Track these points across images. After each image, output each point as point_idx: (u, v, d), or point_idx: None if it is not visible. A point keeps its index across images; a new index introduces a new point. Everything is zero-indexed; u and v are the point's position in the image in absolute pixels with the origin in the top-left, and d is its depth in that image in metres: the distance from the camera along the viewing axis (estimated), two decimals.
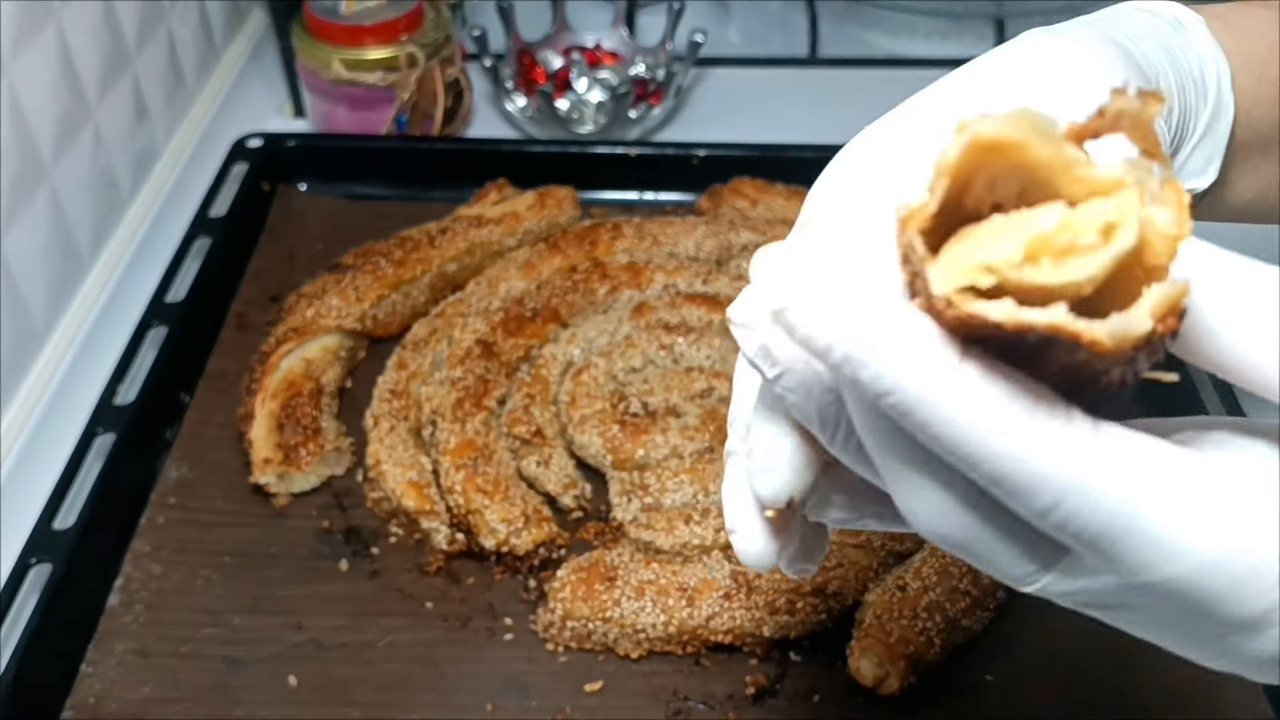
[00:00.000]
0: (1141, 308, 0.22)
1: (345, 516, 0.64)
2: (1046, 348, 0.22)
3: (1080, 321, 0.21)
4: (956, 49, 1.02)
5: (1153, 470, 0.23)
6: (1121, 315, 0.21)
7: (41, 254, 0.71)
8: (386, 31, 0.84)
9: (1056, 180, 0.23)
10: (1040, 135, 0.22)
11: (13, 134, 0.67)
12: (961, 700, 0.55)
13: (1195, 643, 0.25)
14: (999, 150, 0.22)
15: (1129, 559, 0.23)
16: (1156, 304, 0.22)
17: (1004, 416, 0.22)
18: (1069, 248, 0.22)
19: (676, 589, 0.57)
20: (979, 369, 0.22)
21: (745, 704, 0.55)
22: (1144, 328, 0.21)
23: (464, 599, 0.60)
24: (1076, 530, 0.23)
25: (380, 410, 0.67)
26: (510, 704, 0.55)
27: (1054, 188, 0.23)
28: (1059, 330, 0.21)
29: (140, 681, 0.56)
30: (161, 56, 0.87)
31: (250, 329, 0.74)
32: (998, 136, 0.22)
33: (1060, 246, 0.22)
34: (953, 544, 0.26)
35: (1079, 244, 0.22)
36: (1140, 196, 0.22)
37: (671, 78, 0.91)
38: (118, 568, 0.61)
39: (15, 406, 0.69)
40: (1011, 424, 0.22)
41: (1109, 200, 0.22)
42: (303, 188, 0.85)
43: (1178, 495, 0.23)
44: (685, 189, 0.83)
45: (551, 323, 0.71)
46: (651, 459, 0.63)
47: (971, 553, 0.26)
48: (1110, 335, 0.21)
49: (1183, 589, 0.23)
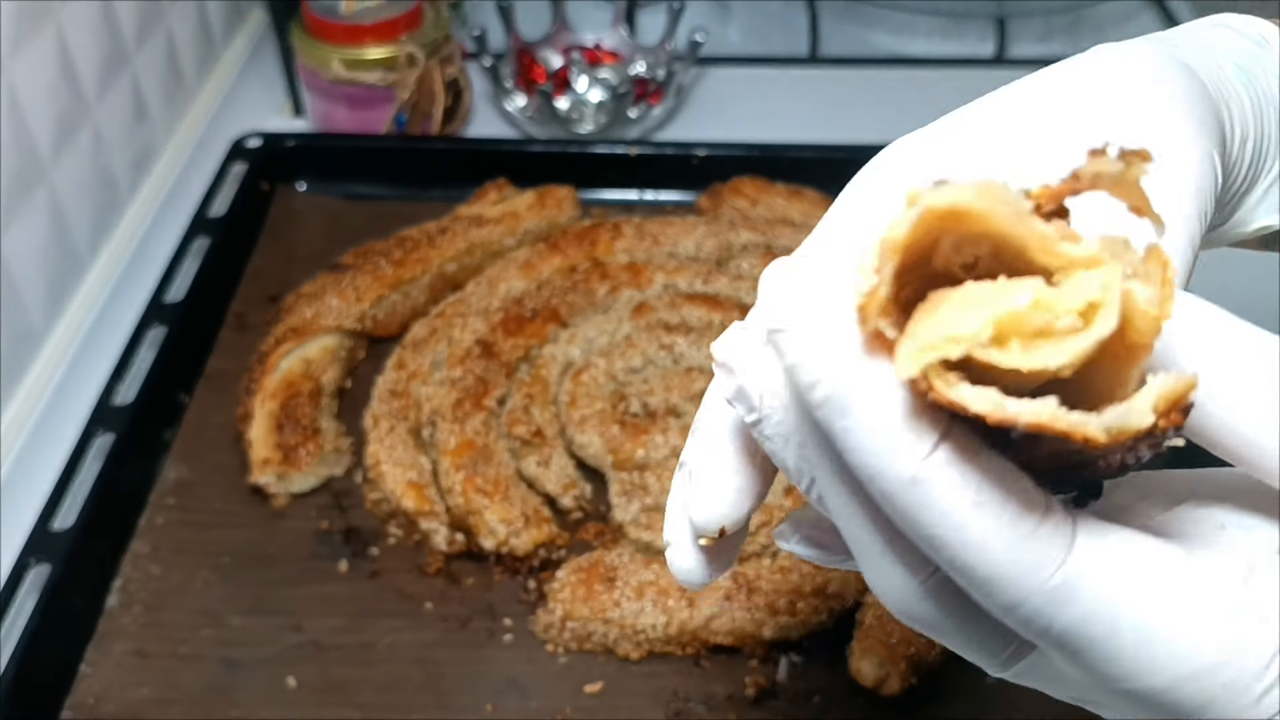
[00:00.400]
0: (1142, 401, 0.20)
1: (344, 517, 0.64)
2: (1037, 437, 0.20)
3: (1072, 415, 0.19)
4: (957, 48, 1.02)
5: (1127, 577, 0.21)
6: (1119, 409, 0.20)
7: (40, 254, 0.71)
8: (386, 31, 0.84)
9: (1029, 251, 0.21)
10: (1003, 206, 0.20)
11: (11, 133, 0.67)
12: (962, 701, 0.55)
13: None
14: (958, 219, 0.20)
15: (1097, 667, 0.22)
16: (1159, 398, 0.20)
17: (971, 508, 0.21)
18: (1045, 329, 0.20)
19: (677, 590, 0.57)
20: (952, 453, 0.21)
21: (745, 705, 0.55)
22: (1143, 423, 0.20)
23: (463, 600, 0.60)
24: (1040, 632, 0.22)
25: (380, 410, 0.67)
26: (510, 705, 0.55)
27: (1028, 256, 0.21)
28: (1045, 428, 0.19)
29: (139, 682, 0.56)
30: (161, 56, 0.87)
31: (249, 329, 0.74)
32: (954, 207, 0.20)
33: (1035, 326, 0.20)
34: (918, 625, 0.25)
35: (1055, 327, 0.20)
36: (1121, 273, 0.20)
37: (671, 77, 0.91)
38: (116, 568, 0.61)
39: (14, 407, 0.69)
40: (978, 517, 0.21)
41: (1089, 275, 0.20)
42: (302, 187, 0.85)
43: (1153, 605, 0.21)
44: (685, 188, 0.83)
45: (551, 323, 0.71)
46: (652, 459, 0.63)
47: (937, 634, 0.25)
48: (1106, 431, 0.20)
49: (1155, 701, 0.22)
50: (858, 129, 0.88)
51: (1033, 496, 0.21)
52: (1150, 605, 0.21)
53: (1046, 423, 0.19)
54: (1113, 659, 0.22)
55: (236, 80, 0.99)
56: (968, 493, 0.21)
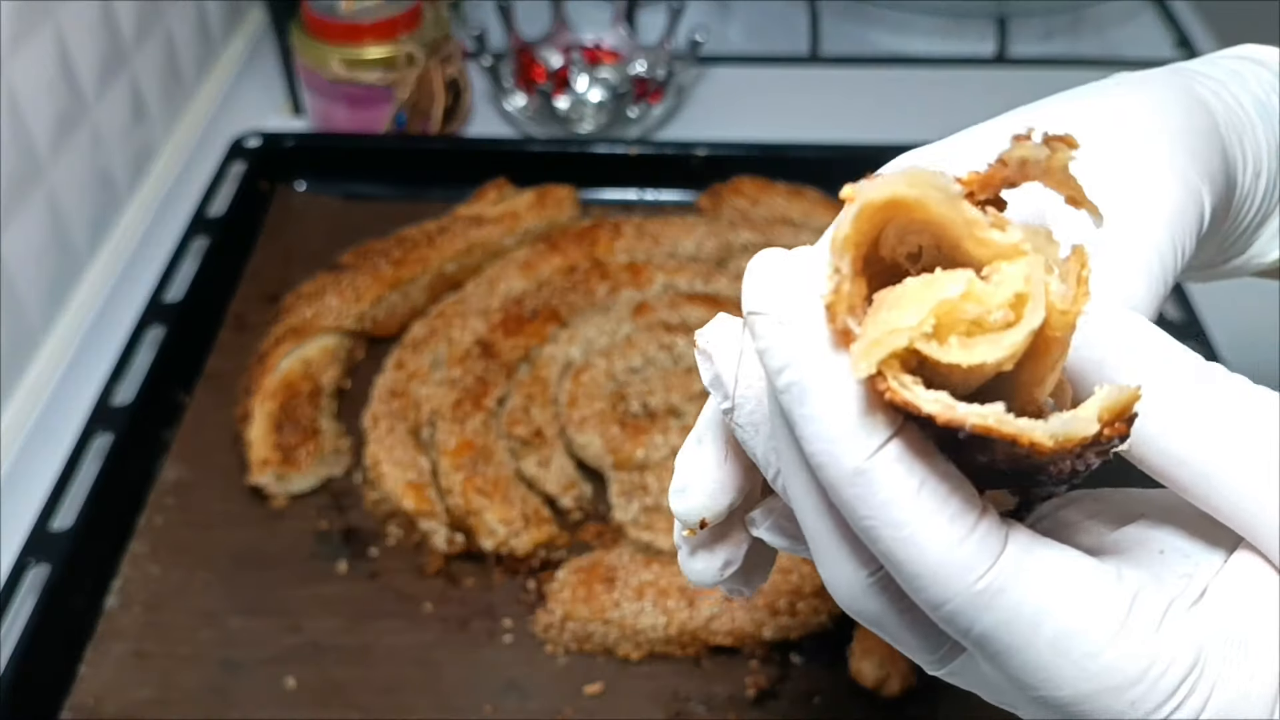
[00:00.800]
0: (1089, 410, 0.20)
1: (344, 518, 0.64)
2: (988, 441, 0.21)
3: (1020, 421, 0.20)
4: (958, 48, 1.02)
5: (1049, 589, 0.22)
6: (1064, 417, 0.20)
7: (39, 254, 0.71)
8: (385, 30, 0.84)
9: (962, 239, 0.21)
10: (934, 190, 0.21)
11: (10, 133, 0.67)
12: (963, 702, 0.55)
13: None
14: (896, 208, 0.21)
15: (1013, 673, 0.23)
16: (1105, 408, 0.20)
17: (909, 505, 0.22)
18: (979, 322, 0.20)
19: (677, 590, 0.56)
20: (900, 451, 0.22)
21: (746, 706, 0.55)
22: (1089, 431, 0.20)
23: (463, 600, 0.60)
24: (962, 632, 0.23)
25: (379, 411, 0.66)
26: (509, 706, 0.55)
27: (963, 246, 0.21)
28: (991, 431, 0.20)
29: (138, 683, 0.56)
30: (160, 55, 0.87)
31: (248, 329, 0.74)
32: (890, 197, 0.21)
33: (969, 318, 0.20)
34: (862, 618, 0.26)
35: (988, 320, 0.20)
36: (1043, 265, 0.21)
37: (672, 76, 0.91)
38: (115, 569, 0.61)
39: (13, 407, 0.69)
40: (915, 515, 0.22)
41: (1013, 268, 0.21)
42: (301, 187, 0.85)
43: (1071, 619, 0.22)
44: (685, 188, 0.83)
45: (551, 323, 0.71)
46: (652, 459, 0.63)
47: (882, 630, 0.26)
48: (1052, 438, 0.20)
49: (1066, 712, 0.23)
50: (858, 128, 0.87)
51: (971, 502, 0.22)
52: (1068, 619, 0.22)
53: (993, 426, 0.20)
54: (1028, 666, 0.22)
55: (236, 80, 0.99)
56: (908, 490, 0.22)
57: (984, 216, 0.21)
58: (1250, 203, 0.33)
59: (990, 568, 0.22)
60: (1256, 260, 0.35)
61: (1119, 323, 0.24)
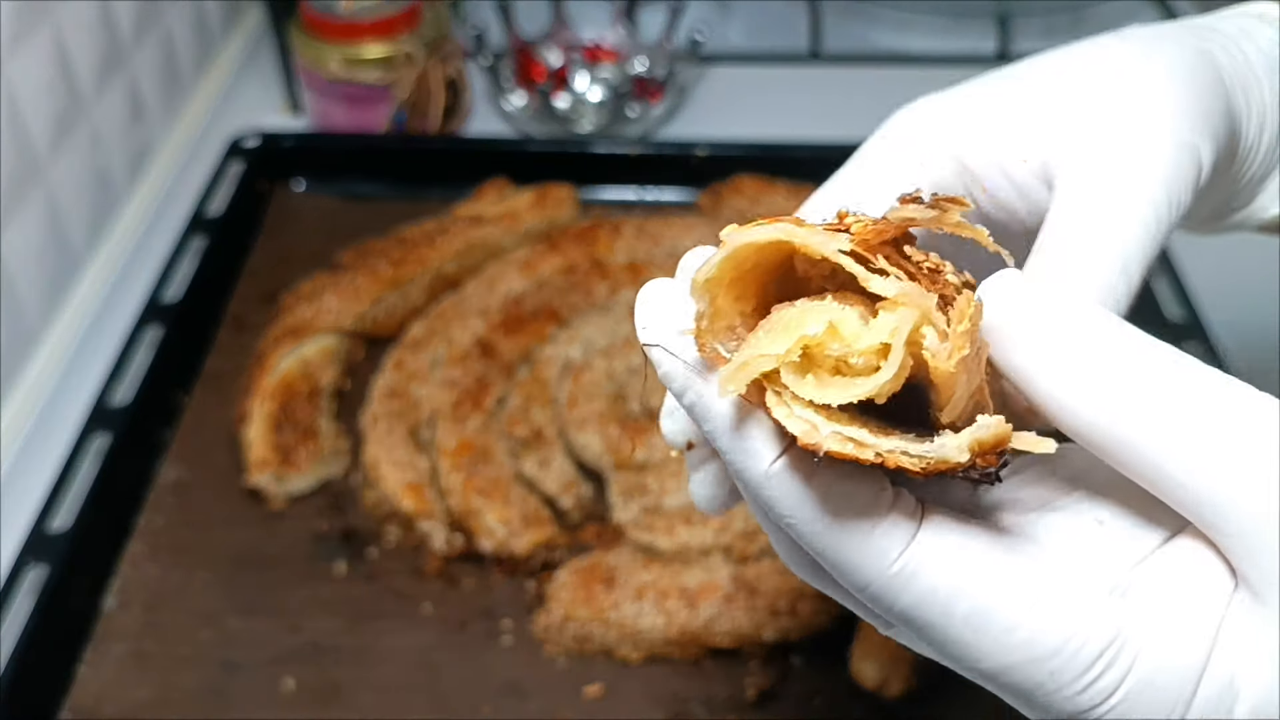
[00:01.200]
0: (961, 439, 0.21)
1: (343, 518, 0.63)
2: None
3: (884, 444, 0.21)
4: (959, 46, 1.01)
5: (962, 569, 0.23)
6: (936, 444, 0.21)
7: (37, 253, 0.71)
8: (385, 29, 0.84)
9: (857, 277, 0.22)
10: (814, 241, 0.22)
11: (9, 132, 0.67)
12: (963, 703, 0.55)
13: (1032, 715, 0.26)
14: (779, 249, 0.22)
15: (937, 647, 0.24)
16: (976, 440, 0.21)
17: (818, 504, 0.23)
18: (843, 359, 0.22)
19: (677, 591, 0.56)
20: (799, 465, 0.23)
21: (746, 707, 0.55)
22: (959, 459, 0.21)
23: (462, 602, 0.59)
24: (885, 611, 0.24)
25: (378, 411, 0.66)
26: (509, 707, 0.55)
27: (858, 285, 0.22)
28: (848, 457, 0.21)
29: (137, 683, 0.56)
30: (158, 54, 0.87)
31: (247, 329, 0.73)
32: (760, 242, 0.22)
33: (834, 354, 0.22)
34: (814, 586, 0.28)
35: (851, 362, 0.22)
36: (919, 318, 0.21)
37: (672, 75, 0.90)
38: (114, 569, 0.60)
39: (12, 408, 0.69)
40: (824, 512, 0.23)
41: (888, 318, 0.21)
42: (300, 187, 0.84)
43: (986, 596, 0.23)
44: (685, 187, 0.83)
45: (551, 323, 0.71)
46: (651, 459, 0.63)
47: (831, 595, 0.28)
48: (920, 463, 0.21)
49: (993, 682, 0.24)
50: (859, 127, 0.86)
51: (879, 496, 0.24)
52: (981, 597, 0.23)
53: (850, 454, 0.21)
54: (950, 641, 0.24)
55: (234, 79, 0.98)
56: (816, 491, 0.23)
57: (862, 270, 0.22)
58: (1254, 155, 0.34)
59: (902, 553, 0.23)
60: (1260, 214, 0.36)
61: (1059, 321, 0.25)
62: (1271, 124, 0.34)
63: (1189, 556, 0.24)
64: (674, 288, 0.25)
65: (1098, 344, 0.24)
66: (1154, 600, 0.24)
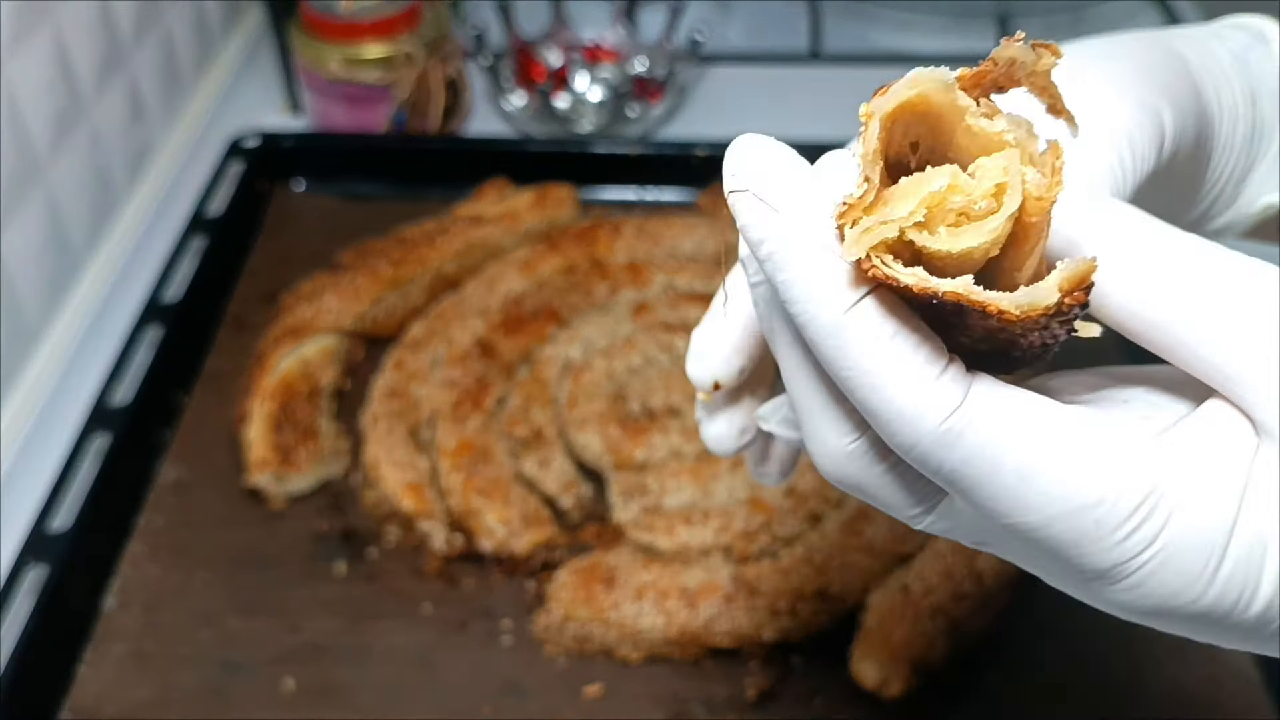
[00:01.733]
0: (1050, 281, 0.23)
1: (343, 518, 0.63)
2: (962, 313, 0.23)
3: (988, 293, 0.22)
4: (958, 46, 1.01)
5: (1010, 425, 0.24)
6: (1029, 289, 0.23)
7: (37, 253, 0.71)
8: (385, 29, 0.84)
9: (955, 132, 0.24)
10: (933, 83, 0.23)
11: (8, 132, 0.67)
12: (964, 703, 0.55)
13: (1067, 585, 0.27)
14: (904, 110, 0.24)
15: (983, 504, 0.25)
16: (1064, 278, 0.23)
17: (878, 355, 0.24)
18: (964, 211, 0.23)
19: (677, 591, 0.56)
20: (874, 307, 0.24)
21: (746, 707, 0.55)
22: (1050, 300, 0.22)
23: (462, 601, 0.59)
24: (934, 471, 0.25)
25: (378, 411, 0.66)
26: (509, 707, 0.55)
27: (955, 141, 0.24)
28: (961, 298, 0.22)
29: (137, 683, 0.56)
30: (158, 54, 0.87)
31: (247, 329, 0.73)
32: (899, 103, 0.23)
33: (956, 209, 0.23)
34: (847, 485, 0.28)
35: (973, 210, 0.23)
36: (1021, 156, 0.23)
37: (672, 76, 0.90)
38: (114, 570, 0.60)
39: (12, 407, 0.69)
40: (883, 362, 0.24)
41: (994, 161, 0.23)
42: (300, 187, 0.84)
43: (1032, 450, 0.24)
44: (685, 187, 0.83)
45: (551, 323, 0.71)
46: (652, 459, 0.63)
47: (865, 493, 0.28)
48: (1016, 306, 0.22)
49: (1036, 537, 0.25)
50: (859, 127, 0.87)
51: (939, 352, 0.24)
52: (1029, 450, 0.24)
53: (962, 294, 0.22)
54: (995, 496, 0.24)
55: (234, 79, 0.98)
56: (882, 338, 0.24)
57: (974, 104, 0.23)
58: (1229, 152, 0.36)
59: (956, 409, 0.24)
60: (1244, 210, 0.37)
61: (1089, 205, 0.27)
62: (1245, 120, 0.35)
63: (1214, 417, 0.25)
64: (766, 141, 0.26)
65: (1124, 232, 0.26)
66: (1185, 455, 0.25)
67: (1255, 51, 0.36)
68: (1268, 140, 0.36)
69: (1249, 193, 0.37)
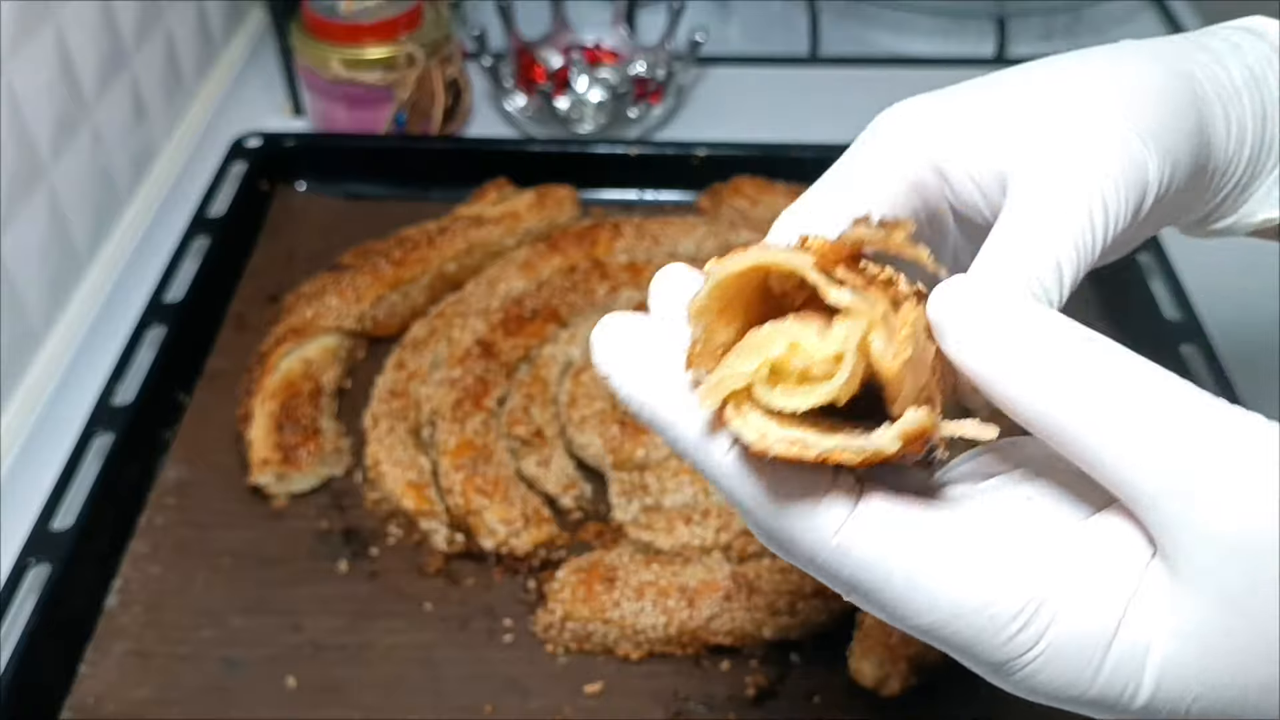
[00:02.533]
0: (891, 432, 0.25)
1: (344, 517, 0.64)
2: None
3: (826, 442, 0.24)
4: (958, 48, 1.02)
5: (895, 538, 0.26)
6: (869, 438, 0.25)
7: (39, 254, 0.71)
8: (386, 30, 0.84)
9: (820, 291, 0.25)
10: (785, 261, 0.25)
11: (11, 133, 0.67)
12: (962, 702, 0.55)
13: (977, 670, 0.28)
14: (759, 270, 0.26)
15: (883, 609, 0.27)
16: (904, 431, 0.24)
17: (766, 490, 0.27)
18: (805, 372, 0.25)
19: (677, 590, 0.56)
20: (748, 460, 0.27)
21: (746, 705, 0.55)
22: (890, 449, 0.24)
23: (463, 600, 0.60)
24: (833, 580, 0.28)
25: (379, 410, 0.67)
26: (510, 705, 0.55)
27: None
28: (794, 459, 0.24)
29: (139, 682, 0.56)
30: (160, 55, 0.87)
31: (249, 329, 0.74)
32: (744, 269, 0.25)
33: (798, 369, 0.25)
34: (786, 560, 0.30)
35: (813, 372, 0.25)
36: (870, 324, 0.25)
37: (671, 77, 0.91)
38: (116, 568, 0.61)
39: (14, 407, 0.69)
40: (772, 497, 0.27)
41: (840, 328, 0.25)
42: (302, 187, 0.85)
43: (918, 560, 0.26)
44: (685, 188, 0.83)
45: (551, 323, 0.71)
46: (651, 459, 0.63)
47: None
48: (859, 454, 0.24)
49: (936, 636, 0.27)
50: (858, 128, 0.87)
51: (820, 478, 0.27)
52: (914, 560, 0.26)
53: (795, 455, 0.24)
54: (890, 602, 0.27)
55: (236, 80, 0.99)
56: (763, 481, 0.27)
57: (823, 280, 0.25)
58: (1234, 168, 0.36)
59: (840, 528, 0.27)
60: (1245, 221, 0.38)
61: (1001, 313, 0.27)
62: (1252, 136, 0.35)
63: (1111, 528, 0.27)
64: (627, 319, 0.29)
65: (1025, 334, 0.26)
66: (1073, 562, 0.26)
67: (1271, 63, 0.35)
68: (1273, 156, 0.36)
69: (1251, 204, 0.37)
